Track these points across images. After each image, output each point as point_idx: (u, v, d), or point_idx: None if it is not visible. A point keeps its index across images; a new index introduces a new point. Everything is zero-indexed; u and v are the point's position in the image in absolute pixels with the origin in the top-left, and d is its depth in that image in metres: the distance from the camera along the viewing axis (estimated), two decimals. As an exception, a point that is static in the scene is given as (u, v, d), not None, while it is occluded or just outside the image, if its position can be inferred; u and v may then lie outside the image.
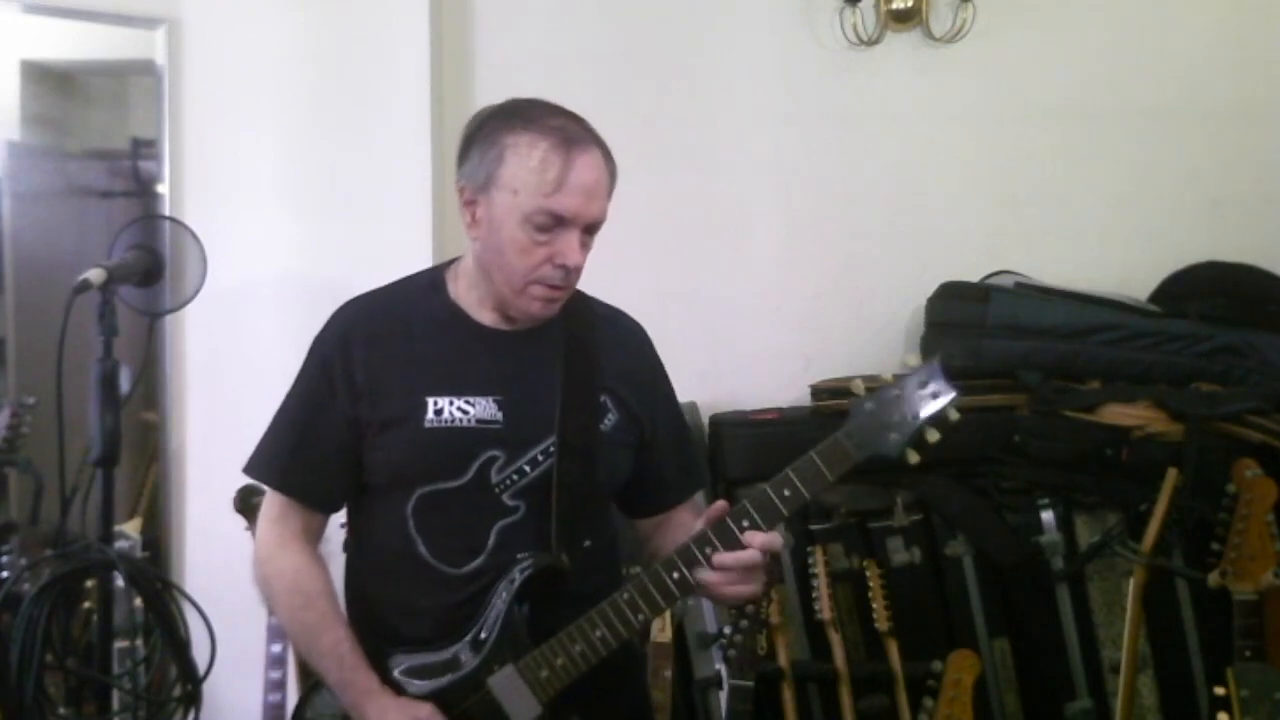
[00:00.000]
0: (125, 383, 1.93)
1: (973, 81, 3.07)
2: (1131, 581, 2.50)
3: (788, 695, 2.56)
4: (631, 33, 3.07)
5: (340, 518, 1.77)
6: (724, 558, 1.54)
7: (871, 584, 2.62)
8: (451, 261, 1.77)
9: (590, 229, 1.61)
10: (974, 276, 2.98)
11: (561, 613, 1.60)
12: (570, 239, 1.58)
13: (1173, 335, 2.79)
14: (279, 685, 2.51)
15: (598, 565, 1.69)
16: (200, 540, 2.82)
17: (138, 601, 2.24)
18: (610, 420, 1.68)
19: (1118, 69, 3.08)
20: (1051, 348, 2.79)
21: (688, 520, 1.79)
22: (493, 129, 1.63)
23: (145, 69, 2.81)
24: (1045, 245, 3.08)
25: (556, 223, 1.57)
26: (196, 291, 2.11)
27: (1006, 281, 2.95)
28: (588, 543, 1.66)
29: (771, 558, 1.57)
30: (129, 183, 2.93)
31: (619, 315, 1.81)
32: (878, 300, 3.09)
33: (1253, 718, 2.11)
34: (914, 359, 1.59)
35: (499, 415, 1.62)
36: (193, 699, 1.95)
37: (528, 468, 1.62)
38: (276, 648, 2.50)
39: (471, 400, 1.63)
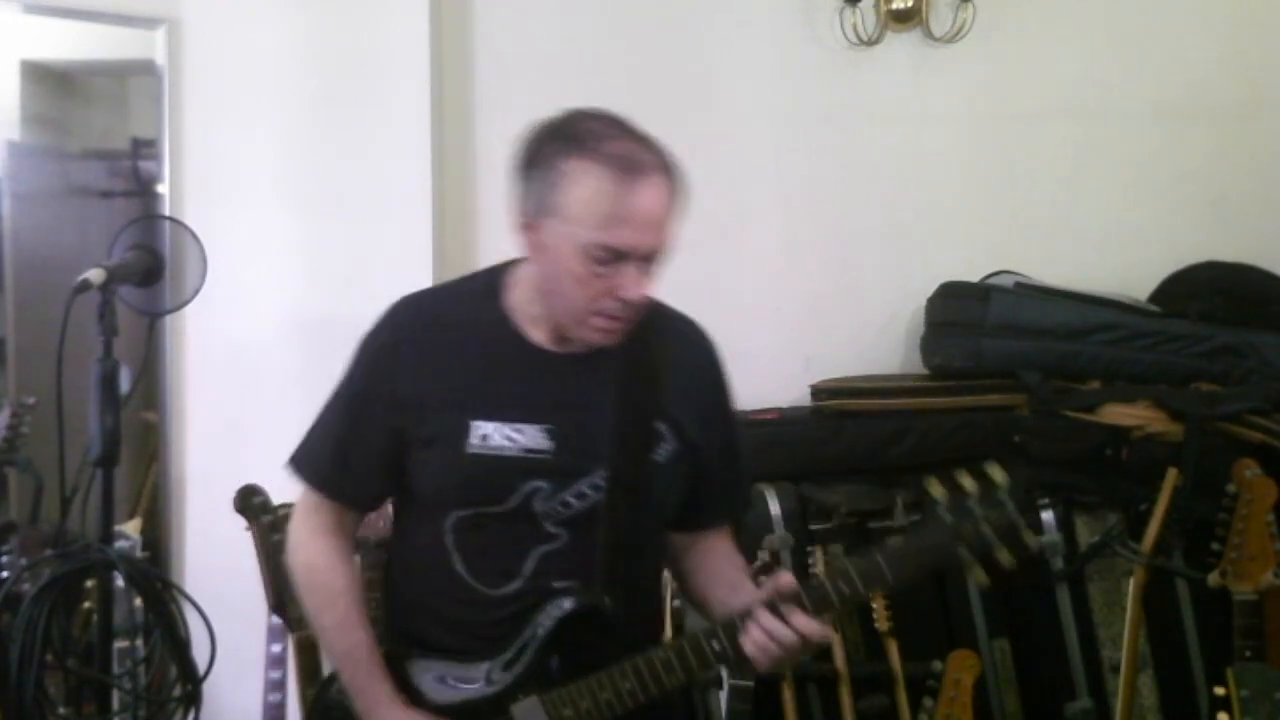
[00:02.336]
0: (125, 383, 1.93)
1: (973, 81, 3.07)
2: (1131, 581, 2.49)
3: (788, 695, 2.56)
4: (631, 33, 3.07)
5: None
6: (768, 626, 1.49)
7: (871, 584, 2.62)
8: (511, 263, 1.65)
9: (653, 259, 1.52)
10: (974, 276, 2.98)
11: (599, 648, 1.56)
12: (630, 272, 1.49)
13: (1173, 335, 2.79)
14: (279, 685, 2.50)
15: (640, 597, 1.66)
16: (200, 540, 2.82)
17: (138, 601, 2.24)
18: (665, 450, 1.62)
19: (1118, 69, 3.08)
20: (1051, 348, 2.80)
21: (722, 548, 1.75)
22: (550, 153, 1.50)
23: (145, 69, 2.81)
24: (1045, 245, 3.08)
25: (615, 256, 1.47)
26: (196, 291, 2.10)
27: (1006, 281, 2.95)
28: (631, 575, 1.61)
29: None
30: (129, 183, 2.93)
31: (686, 326, 1.73)
32: (878, 300, 3.09)
33: (1253, 718, 2.11)
34: (999, 474, 1.50)
35: (548, 445, 1.56)
36: (193, 699, 1.95)
37: (574, 500, 1.57)
38: (276, 648, 2.50)
39: (520, 427, 1.56)
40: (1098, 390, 2.77)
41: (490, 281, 1.65)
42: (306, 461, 1.69)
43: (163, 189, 2.80)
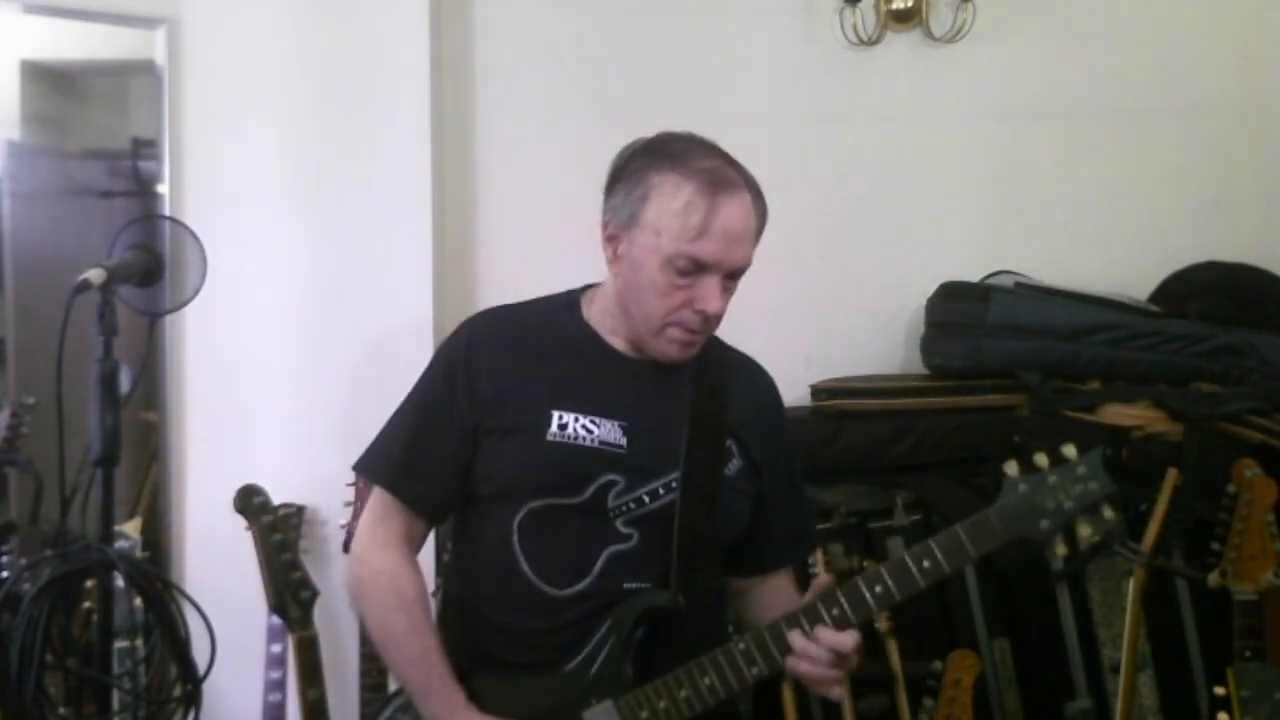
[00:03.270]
0: (125, 383, 1.93)
1: (973, 81, 3.07)
2: (1131, 581, 2.49)
3: (788, 695, 2.55)
4: (631, 33, 3.07)
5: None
6: (823, 636, 1.50)
7: (871, 584, 2.62)
8: (588, 287, 1.72)
9: (734, 274, 1.58)
10: (974, 276, 2.98)
11: (671, 652, 1.55)
12: (711, 285, 1.55)
13: (1173, 335, 2.79)
14: (279, 685, 2.51)
15: (708, 612, 1.65)
16: (200, 540, 2.81)
17: (138, 601, 2.24)
18: (734, 466, 1.64)
19: (1118, 69, 3.08)
20: (1051, 348, 2.79)
21: (784, 586, 1.76)
22: (640, 166, 1.56)
23: (145, 69, 2.81)
24: (1045, 245, 3.08)
25: (698, 268, 1.53)
26: (196, 291, 2.10)
27: (1006, 281, 2.95)
28: (702, 583, 1.61)
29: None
30: (129, 183, 2.93)
31: (750, 363, 1.78)
32: (878, 300, 3.09)
33: (1253, 718, 2.11)
34: (1071, 450, 1.52)
35: (623, 440, 1.58)
36: (193, 699, 1.95)
37: (647, 498, 1.58)
38: (276, 648, 2.50)
39: (597, 420, 1.59)
40: (1098, 390, 2.77)
41: (569, 298, 1.71)
42: (377, 464, 1.69)
43: (163, 189, 2.80)
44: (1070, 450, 1.52)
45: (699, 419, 1.61)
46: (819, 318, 3.09)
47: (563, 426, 1.58)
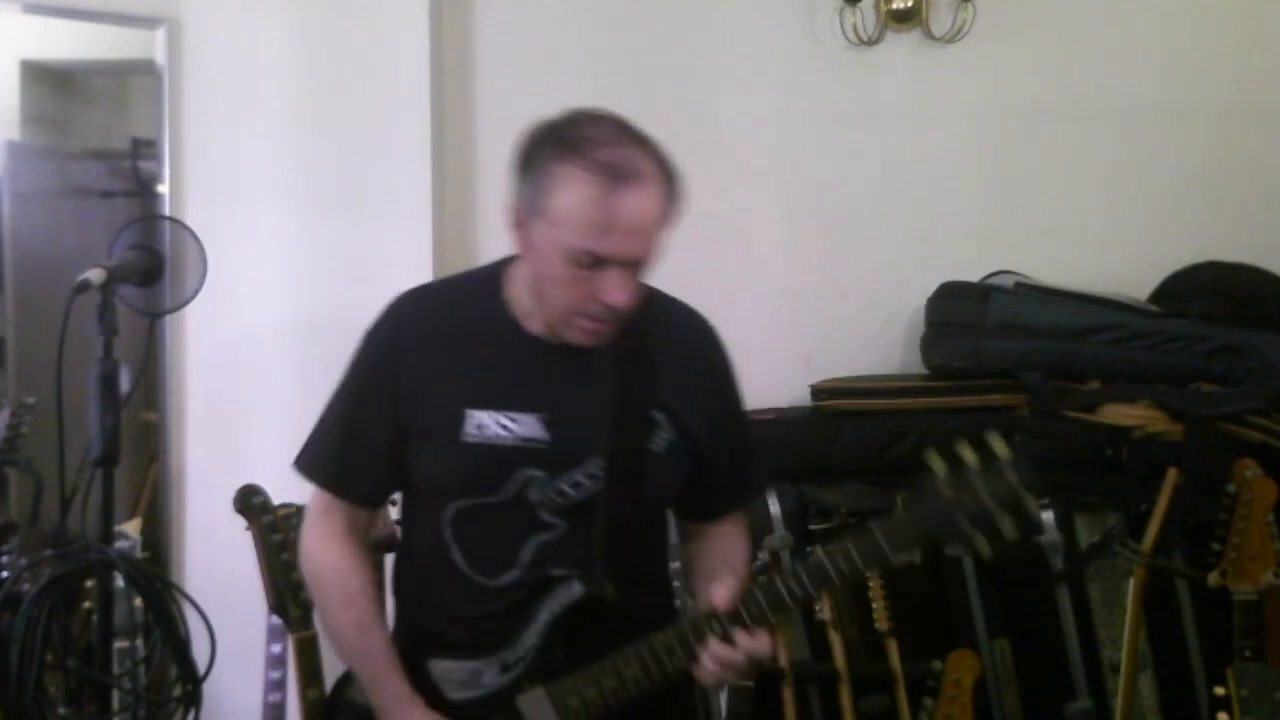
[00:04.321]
0: (125, 383, 1.93)
1: (973, 81, 3.07)
2: (1131, 581, 2.49)
3: (788, 695, 2.55)
4: (631, 33, 3.07)
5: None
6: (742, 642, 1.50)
7: (871, 584, 2.62)
8: (513, 258, 1.66)
9: (638, 265, 1.52)
10: (974, 276, 2.98)
11: (604, 637, 1.56)
12: (615, 277, 1.49)
13: (1173, 335, 2.79)
14: (279, 685, 2.50)
15: (644, 586, 1.66)
16: (200, 540, 2.82)
17: (138, 601, 2.24)
18: (663, 439, 1.62)
19: (1118, 69, 3.08)
20: (1051, 348, 2.79)
21: (728, 534, 1.76)
22: (543, 155, 1.50)
23: (145, 69, 2.81)
24: (1045, 245, 3.08)
25: (598, 262, 1.48)
26: (196, 291, 2.10)
27: (1006, 281, 2.95)
28: (633, 563, 1.62)
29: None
30: (129, 183, 2.93)
31: (688, 316, 1.74)
32: (878, 300, 3.09)
33: (1253, 718, 2.11)
34: (1000, 445, 1.48)
35: (545, 434, 1.57)
36: (193, 699, 1.95)
37: (570, 490, 1.58)
38: (276, 648, 2.50)
39: (515, 416, 1.58)
40: (1098, 390, 2.77)
41: (492, 275, 1.67)
42: (313, 461, 1.70)
43: (163, 189, 2.80)
44: (997, 444, 1.47)
45: (621, 400, 1.59)
46: (819, 318, 3.09)
47: (480, 427, 1.57)
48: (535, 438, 1.57)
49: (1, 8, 2.75)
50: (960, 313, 2.87)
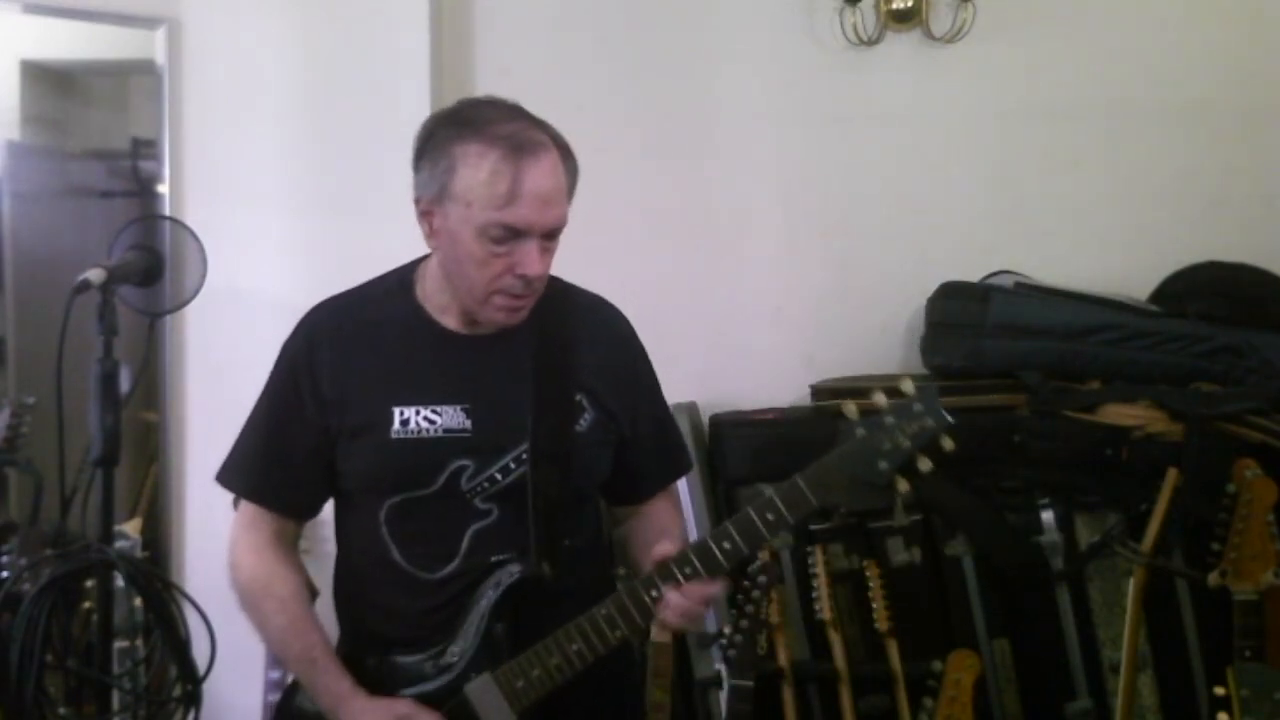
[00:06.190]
0: (125, 383, 1.93)
1: (973, 81, 3.07)
2: (1131, 581, 2.49)
3: (788, 695, 2.56)
4: (631, 33, 3.07)
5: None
6: (692, 589, 1.55)
7: (871, 584, 2.62)
8: (420, 260, 1.73)
9: (550, 234, 1.57)
10: (974, 276, 2.98)
11: (546, 616, 1.59)
12: (528, 249, 1.54)
13: (1173, 335, 2.79)
14: (279, 685, 2.50)
15: (582, 562, 1.69)
16: (200, 540, 2.81)
17: (138, 601, 2.24)
18: (586, 420, 1.66)
19: (1117, 69, 3.08)
20: (1051, 348, 2.79)
21: (662, 509, 1.80)
22: (442, 139, 1.57)
23: (145, 69, 2.81)
24: (1045, 245, 3.08)
25: (512, 234, 1.52)
26: (196, 291, 2.11)
27: (1006, 281, 2.95)
28: (568, 543, 1.65)
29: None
30: (129, 183, 2.93)
31: (599, 306, 1.78)
32: (878, 300, 3.09)
33: (1253, 718, 2.11)
34: (909, 385, 1.55)
35: (467, 424, 1.61)
36: (193, 699, 1.95)
37: (499, 475, 1.61)
38: (276, 648, 2.50)
39: (438, 409, 1.61)
40: (1098, 390, 2.77)
41: (401, 278, 1.72)
42: (236, 474, 1.73)
43: (163, 189, 2.81)
44: (908, 385, 1.55)
45: (543, 385, 1.63)
46: (819, 318, 3.09)
47: (405, 422, 1.60)
48: (459, 428, 1.60)
49: (1, 8, 2.75)
50: (960, 313, 2.87)
